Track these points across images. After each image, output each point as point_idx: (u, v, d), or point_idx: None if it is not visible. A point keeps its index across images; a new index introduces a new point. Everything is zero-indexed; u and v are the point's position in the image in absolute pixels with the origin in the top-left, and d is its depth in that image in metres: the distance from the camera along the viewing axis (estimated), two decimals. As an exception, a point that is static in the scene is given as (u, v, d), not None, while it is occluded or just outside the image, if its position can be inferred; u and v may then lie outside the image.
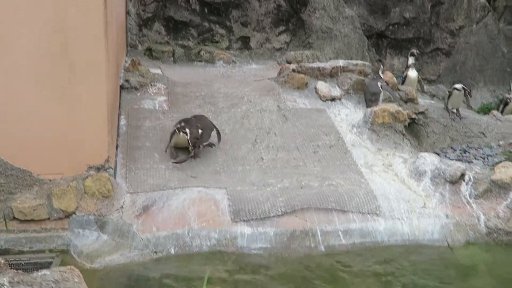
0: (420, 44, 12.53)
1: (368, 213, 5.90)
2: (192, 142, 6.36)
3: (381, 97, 8.03)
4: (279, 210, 5.74)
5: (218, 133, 6.91)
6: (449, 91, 8.83)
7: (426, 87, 11.12)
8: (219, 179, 6.24)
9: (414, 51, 9.94)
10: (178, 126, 6.54)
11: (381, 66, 8.94)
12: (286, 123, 7.54)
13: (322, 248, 5.60)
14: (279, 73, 9.16)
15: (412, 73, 9.60)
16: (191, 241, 5.49)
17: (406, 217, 5.95)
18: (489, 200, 6.19)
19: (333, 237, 5.68)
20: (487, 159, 7.44)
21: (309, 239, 5.62)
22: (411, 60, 9.65)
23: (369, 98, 8.12)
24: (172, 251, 5.41)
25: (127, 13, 10.84)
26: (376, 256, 5.53)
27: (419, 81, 10.06)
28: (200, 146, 6.45)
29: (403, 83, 9.54)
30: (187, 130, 6.41)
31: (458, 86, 8.66)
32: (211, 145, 6.76)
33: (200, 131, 6.50)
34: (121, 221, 5.58)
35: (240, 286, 4.99)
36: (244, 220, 5.66)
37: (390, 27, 12.43)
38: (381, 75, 8.44)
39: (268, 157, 6.78)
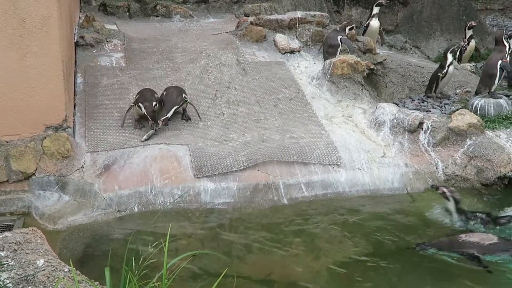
0: (377, -7, 12.50)
1: (329, 165, 5.96)
2: (150, 115, 6.20)
3: (339, 50, 8.02)
4: (241, 164, 5.75)
5: (193, 107, 6.61)
6: (441, 67, 7.74)
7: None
8: (180, 136, 6.20)
9: (382, 1, 9.71)
10: (136, 98, 6.38)
11: (354, 26, 8.71)
12: (246, 77, 7.50)
13: (285, 201, 5.66)
14: (237, 26, 9.05)
15: (375, 23, 9.42)
16: (154, 198, 5.48)
17: (366, 167, 6.04)
18: (447, 147, 6.30)
19: (295, 189, 5.74)
20: (445, 107, 7.55)
21: (272, 193, 5.67)
22: (375, 10, 9.41)
23: (326, 50, 8.10)
24: (136, 209, 5.40)
25: (79, -33, 10.50)
26: (338, 206, 5.62)
27: (380, 32, 10.00)
28: (159, 122, 6.23)
29: (364, 33, 9.43)
30: (141, 105, 6.22)
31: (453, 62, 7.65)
32: (187, 118, 6.58)
33: (154, 103, 6.32)
34: (82, 181, 5.53)
35: (205, 241, 5.02)
36: (206, 176, 5.66)
37: (347, -23, 12.37)
38: (347, 31, 8.31)
39: (229, 112, 6.75)
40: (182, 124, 6.46)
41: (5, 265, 3.29)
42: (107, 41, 8.08)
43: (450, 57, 8.07)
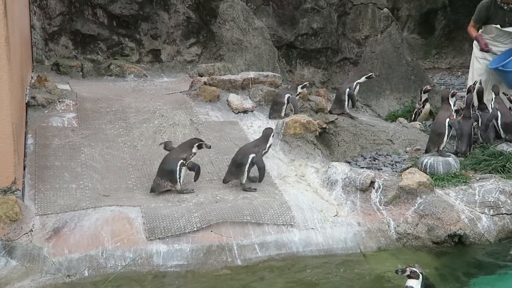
0: (328, 54, 12.79)
1: (283, 224, 5.96)
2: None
3: (284, 109, 8.21)
4: (195, 225, 5.71)
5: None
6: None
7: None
8: (133, 197, 6.14)
9: (428, 87, 10.39)
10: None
11: (307, 84, 8.75)
12: (199, 137, 7.50)
13: (239, 262, 5.61)
14: (191, 86, 9.12)
15: (428, 107, 10.06)
16: (105, 262, 5.36)
17: (320, 226, 6.06)
18: (398, 206, 6.38)
19: (249, 250, 5.71)
20: (395, 165, 7.70)
21: (225, 254, 5.62)
22: (425, 97, 10.07)
23: (272, 107, 8.31)
24: (86, 274, 5.27)
25: (32, 27, 10.49)
26: (292, 267, 5.60)
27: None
28: None
29: (418, 115, 9.93)
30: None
31: None
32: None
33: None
34: (30, 245, 5.38)
35: (157, 305, 4.93)
36: (159, 238, 5.59)
37: (299, 38, 12.63)
38: (299, 89, 8.46)
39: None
40: (135, 185, 6.41)
41: None
42: (59, 101, 8.02)
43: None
